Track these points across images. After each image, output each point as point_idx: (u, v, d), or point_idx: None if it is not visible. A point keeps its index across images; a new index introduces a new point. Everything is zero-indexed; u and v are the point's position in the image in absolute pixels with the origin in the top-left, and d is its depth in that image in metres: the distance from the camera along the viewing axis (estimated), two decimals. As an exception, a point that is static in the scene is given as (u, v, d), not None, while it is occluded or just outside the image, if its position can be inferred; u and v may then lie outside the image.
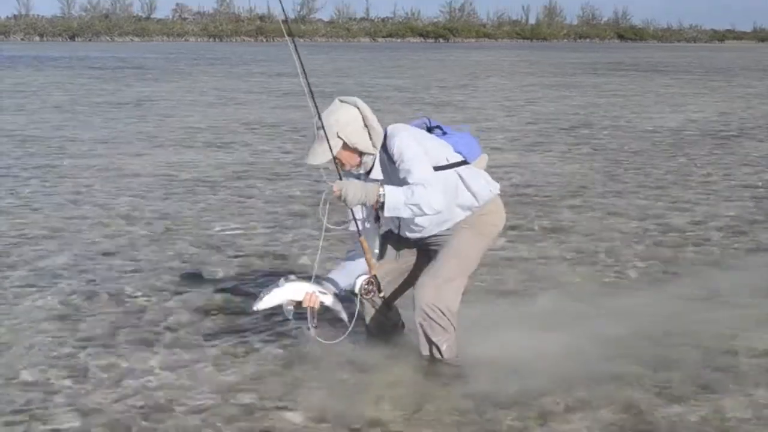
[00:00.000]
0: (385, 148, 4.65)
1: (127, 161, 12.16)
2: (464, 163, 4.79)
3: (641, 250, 7.67)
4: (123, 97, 22.30)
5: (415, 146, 4.60)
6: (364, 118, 4.62)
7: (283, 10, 4.99)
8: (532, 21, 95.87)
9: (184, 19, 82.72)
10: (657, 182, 10.93)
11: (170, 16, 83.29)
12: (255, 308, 4.67)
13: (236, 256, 7.34)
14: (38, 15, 76.89)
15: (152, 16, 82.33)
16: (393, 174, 4.62)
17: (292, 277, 4.73)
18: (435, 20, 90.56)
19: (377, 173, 4.69)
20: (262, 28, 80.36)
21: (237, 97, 22.75)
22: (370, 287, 4.70)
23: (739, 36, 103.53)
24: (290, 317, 4.74)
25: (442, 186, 4.56)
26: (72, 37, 71.80)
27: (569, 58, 50.13)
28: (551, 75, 34.02)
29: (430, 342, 4.75)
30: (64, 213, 8.93)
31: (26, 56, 43.87)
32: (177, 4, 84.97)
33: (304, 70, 4.87)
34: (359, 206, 4.64)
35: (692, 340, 5.36)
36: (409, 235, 4.85)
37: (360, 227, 4.70)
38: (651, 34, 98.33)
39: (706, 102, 22.55)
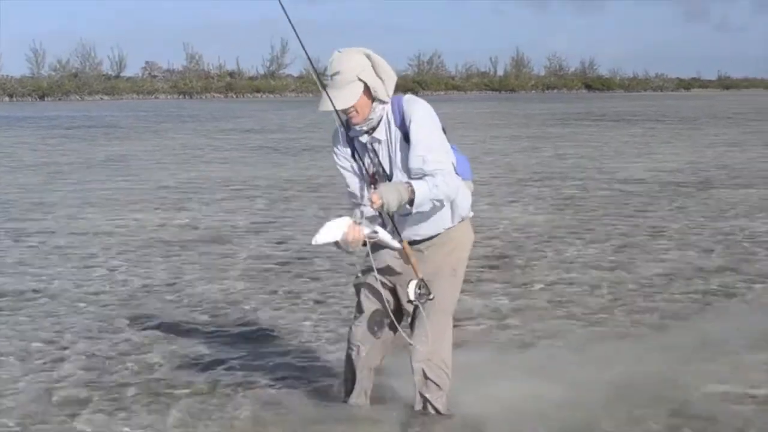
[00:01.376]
0: (400, 111, 4.51)
1: (100, 222, 12.12)
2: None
3: (617, 299, 7.76)
4: (94, 156, 22.25)
5: (436, 123, 4.53)
6: (374, 65, 4.47)
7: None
8: (500, 72, 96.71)
9: (154, 76, 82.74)
10: (629, 232, 11.03)
11: (140, 74, 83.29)
12: (312, 243, 4.40)
13: (212, 315, 7.32)
14: (7, 75, 76.68)
15: (122, 74, 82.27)
16: (395, 138, 4.50)
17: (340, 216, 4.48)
18: (404, 73, 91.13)
19: (381, 132, 4.54)
20: (231, 85, 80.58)
21: (208, 154, 22.77)
22: (423, 291, 4.54)
23: (704, 84, 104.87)
24: (349, 250, 4.56)
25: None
26: (42, 97, 71.59)
27: (538, 109, 50.61)
28: (520, 126, 34.33)
29: (426, 399, 4.74)
30: (37, 275, 8.88)
31: (-5, 117, 43.75)
32: (146, 62, 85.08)
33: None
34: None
35: (680, 388, 5.45)
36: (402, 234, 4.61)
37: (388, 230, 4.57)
38: (618, 84, 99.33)
39: (674, 151, 22.81)
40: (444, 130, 4.68)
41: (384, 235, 4.50)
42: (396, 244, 4.53)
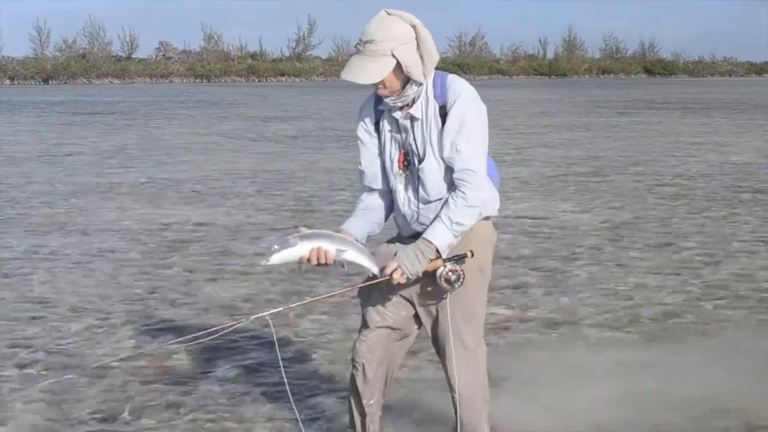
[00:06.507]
0: (443, 86, 4.40)
1: (106, 216, 12.21)
2: None
3: (668, 307, 7.80)
4: (101, 145, 22.43)
5: (480, 113, 4.41)
6: (418, 40, 4.31)
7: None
8: (550, 55, 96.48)
9: (169, 58, 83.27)
10: (688, 232, 10.97)
11: (153, 56, 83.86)
12: (264, 264, 4.30)
13: (213, 315, 7.36)
14: (9, 56, 77.49)
15: (133, 55, 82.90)
16: (433, 114, 4.39)
17: (305, 231, 4.33)
18: (444, 55, 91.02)
19: (417, 109, 4.41)
20: (253, 68, 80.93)
21: (227, 143, 22.89)
22: (454, 277, 4.33)
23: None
24: (300, 273, 4.50)
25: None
26: (46, 80, 72.26)
27: (592, 96, 50.42)
28: (572, 114, 34.22)
29: (464, 423, 4.61)
30: (33, 273, 8.97)
31: (-4, 102, 44.22)
32: (160, 43, 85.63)
33: None
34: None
35: (721, 403, 5.51)
36: (417, 229, 4.49)
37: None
38: (681, 68, 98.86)
39: (743, 142, 22.65)
40: None
41: (354, 255, 4.30)
42: (373, 267, 4.34)
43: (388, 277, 4.29)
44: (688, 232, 10.99)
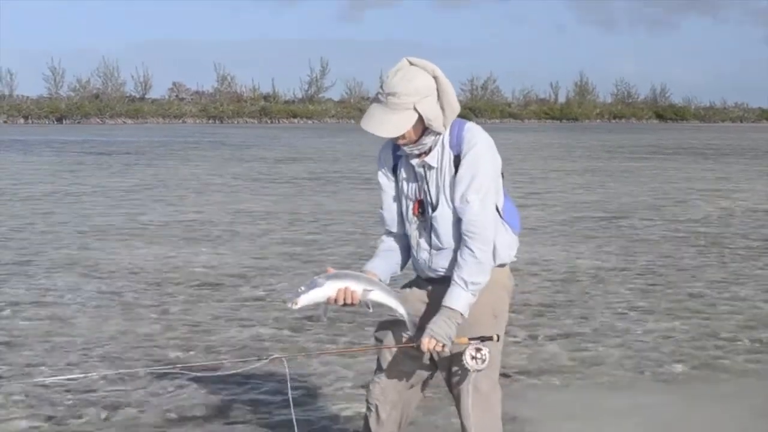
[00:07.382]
0: (459, 136, 4.39)
1: (119, 257, 12.22)
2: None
3: (684, 351, 7.80)
4: (114, 185, 22.50)
5: (494, 163, 4.42)
6: (439, 91, 4.32)
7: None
8: (561, 99, 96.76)
9: (182, 99, 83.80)
10: (702, 278, 10.95)
11: (166, 96, 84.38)
12: (292, 307, 4.27)
13: (226, 360, 7.35)
14: (23, 95, 78.07)
15: (147, 96, 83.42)
16: (448, 163, 4.39)
17: (332, 271, 4.34)
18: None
19: (433, 158, 4.40)
20: (266, 109, 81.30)
21: (239, 184, 22.93)
22: (479, 355, 4.33)
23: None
24: (324, 319, 4.53)
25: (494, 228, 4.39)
26: (60, 119, 72.70)
27: (604, 140, 50.49)
28: (583, 159, 34.25)
29: None
30: (49, 315, 8.98)
31: (11, 140, 44.38)
32: (174, 83, 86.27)
33: None
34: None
35: None
36: (431, 275, 4.52)
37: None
38: (693, 114, 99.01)
39: (757, 189, 22.62)
40: (501, 174, 4.57)
41: (380, 295, 4.33)
42: (399, 308, 4.38)
43: (420, 346, 4.28)
44: (702, 278, 10.97)
